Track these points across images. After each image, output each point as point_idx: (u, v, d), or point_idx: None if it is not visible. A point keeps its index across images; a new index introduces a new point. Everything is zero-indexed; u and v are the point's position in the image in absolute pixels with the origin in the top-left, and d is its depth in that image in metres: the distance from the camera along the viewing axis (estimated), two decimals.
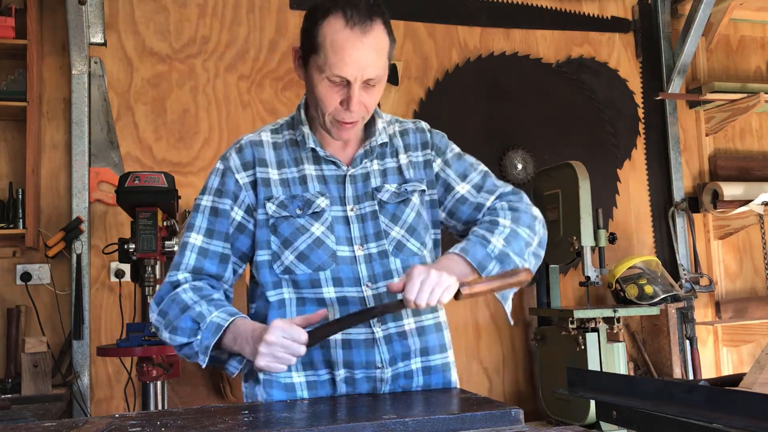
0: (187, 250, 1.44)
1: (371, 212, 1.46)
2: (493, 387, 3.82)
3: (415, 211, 1.49)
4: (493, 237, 1.43)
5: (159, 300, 1.43)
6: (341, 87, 1.37)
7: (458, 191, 1.53)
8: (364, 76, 1.35)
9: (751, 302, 4.23)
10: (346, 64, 1.33)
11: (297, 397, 1.41)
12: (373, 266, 1.43)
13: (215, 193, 1.46)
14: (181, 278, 1.43)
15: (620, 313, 3.38)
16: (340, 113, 1.39)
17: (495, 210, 1.51)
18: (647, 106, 4.28)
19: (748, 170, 4.38)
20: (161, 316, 1.41)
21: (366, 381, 1.41)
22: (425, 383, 1.47)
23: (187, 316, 1.36)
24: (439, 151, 1.55)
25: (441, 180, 1.54)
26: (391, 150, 1.53)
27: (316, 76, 1.38)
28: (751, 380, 1.34)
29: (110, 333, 3.25)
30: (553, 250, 3.55)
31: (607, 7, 4.27)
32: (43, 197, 3.25)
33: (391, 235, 1.46)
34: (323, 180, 1.46)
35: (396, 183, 1.49)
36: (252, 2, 3.65)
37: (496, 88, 3.98)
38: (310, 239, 1.41)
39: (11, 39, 3.05)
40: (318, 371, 1.41)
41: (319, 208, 1.43)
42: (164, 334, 1.41)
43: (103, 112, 3.36)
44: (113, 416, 1.21)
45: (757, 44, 4.59)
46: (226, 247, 1.45)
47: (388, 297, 1.41)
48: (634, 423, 1.18)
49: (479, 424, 1.12)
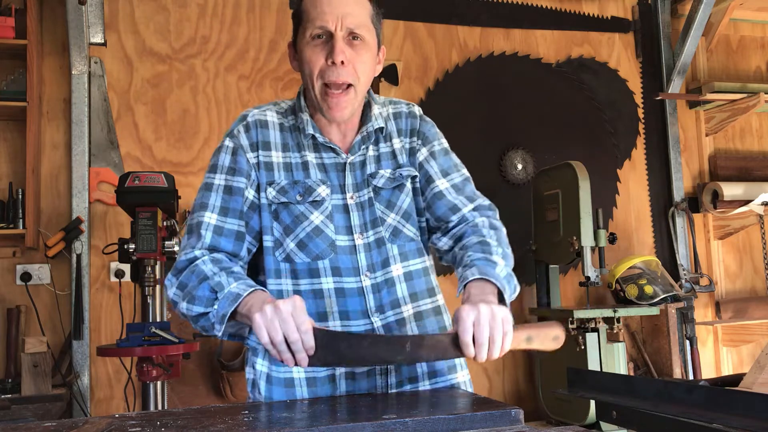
0: (203, 229, 1.40)
1: (368, 199, 1.45)
2: (493, 387, 3.82)
3: (410, 197, 1.49)
4: (494, 257, 1.40)
5: (177, 273, 1.38)
6: (325, 43, 1.37)
7: (437, 185, 1.51)
8: (344, 24, 1.36)
9: (751, 302, 4.23)
10: (325, 12, 1.36)
11: (296, 393, 1.40)
12: (371, 255, 1.43)
13: (227, 171, 1.44)
14: (198, 254, 1.38)
15: (620, 313, 3.38)
16: (327, 72, 1.37)
17: (477, 227, 1.48)
18: (647, 106, 4.28)
19: (748, 170, 4.38)
20: (180, 288, 1.36)
21: (366, 375, 1.40)
22: (429, 369, 1.45)
23: (206, 285, 1.32)
24: (426, 141, 1.54)
25: (423, 170, 1.52)
26: (385, 134, 1.52)
27: (302, 42, 1.40)
28: (751, 380, 1.34)
29: (110, 333, 3.26)
30: (553, 250, 3.56)
31: (607, 7, 4.27)
32: (43, 197, 3.25)
33: (387, 222, 1.45)
34: (323, 168, 1.45)
35: (390, 168, 1.49)
36: (252, 2, 3.65)
37: (496, 88, 3.98)
38: (309, 227, 1.40)
39: (11, 39, 3.05)
40: (318, 367, 1.40)
41: (320, 197, 1.42)
42: (182, 305, 1.35)
43: (103, 112, 3.36)
44: (113, 416, 1.21)
45: (757, 44, 4.60)
46: (241, 225, 1.42)
47: (387, 287, 1.41)
48: (634, 423, 1.17)
49: (479, 424, 1.11)
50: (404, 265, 1.46)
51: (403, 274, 1.45)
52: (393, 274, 1.44)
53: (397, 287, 1.44)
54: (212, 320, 1.30)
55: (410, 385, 1.43)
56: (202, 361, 3.31)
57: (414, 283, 1.47)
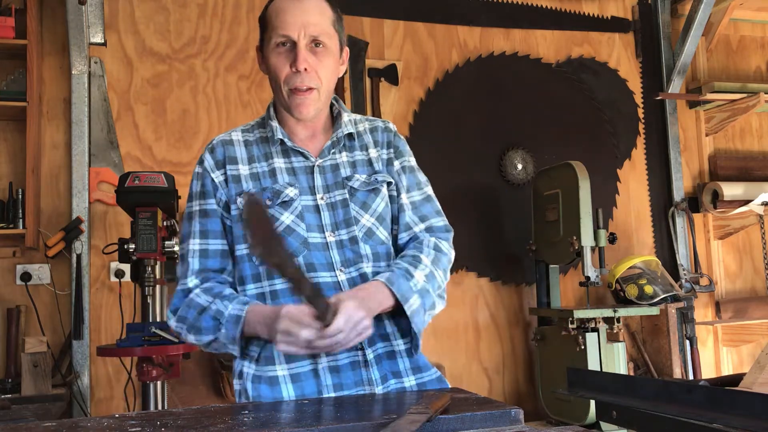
0: (190, 257, 1.50)
1: (341, 200, 1.50)
2: (493, 387, 3.82)
3: (385, 202, 1.54)
4: (416, 272, 1.46)
5: (175, 309, 1.49)
6: (289, 51, 1.46)
7: (402, 199, 1.58)
8: (307, 33, 1.44)
9: (751, 302, 4.23)
10: (288, 23, 1.44)
11: (282, 390, 1.43)
12: (344, 252, 1.47)
13: (199, 196, 1.53)
14: (191, 285, 1.49)
15: (620, 313, 3.38)
16: (292, 79, 1.46)
17: (421, 244, 1.53)
18: (647, 106, 4.28)
19: (748, 170, 4.38)
20: (181, 321, 1.48)
21: (351, 367, 1.43)
22: (413, 365, 1.49)
23: (207, 316, 1.43)
24: (399, 155, 1.61)
25: (394, 182, 1.59)
26: (360, 144, 1.58)
27: (268, 50, 1.48)
28: (751, 380, 1.34)
29: (110, 333, 3.26)
30: (553, 250, 3.56)
31: (607, 7, 4.27)
32: (43, 197, 3.25)
33: (362, 222, 1.50)
34: (293, 172, 1.51)
35: (366, 174, 1.55)
36: (252, 2, 3.65)
37: (496, 88, 3.98)
38: (280, 227, 1.46)
39: (11, 39, 3.05)
40: (300, 362, 1.43)
41: (288, 198, 1.47)
42: (190, 338, 1.48)
43: (103, 112, 3.36)
44: (113, 416, 1.21)
45: (757, 44, 4.60)
46: (224, 243, 1.51)
47: (361, 282, 1.45)
48: (634, 423, 1.17)
49: (479, 424, 1.11)
50: (374, 266, 1.50)
51: (371, 273, 1.49)
52: (365, 270, 1.48)
53: None
54: (223, 341, 1.42)
55: (395, 379, 1.47)
56: (202, 361, 3.31)
57: None
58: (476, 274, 3.82)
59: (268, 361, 1.45)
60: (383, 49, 3.80)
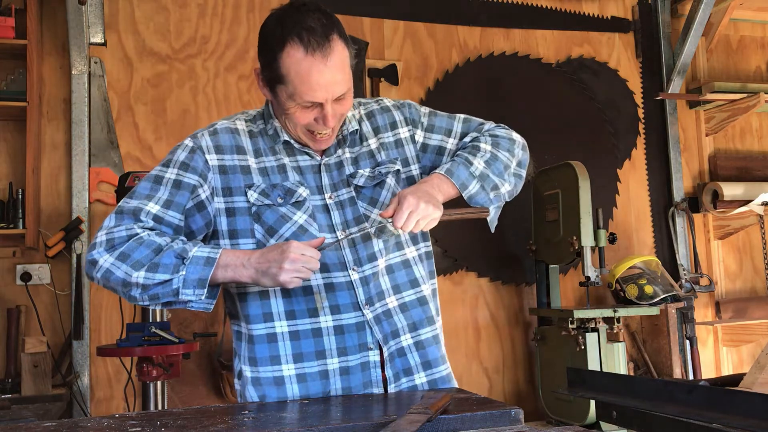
0: (142, 215, 1.39)
1: (349, 198, 1.49)
2: (493, 387, 3.82)
3: (392, 192, 1.52)
4: (475, 159, 1.53)
5: (111, 246, 1.35)
6: (314, 108, 1.40)
7: (450, 149, 1.61)
8: (334, 95, 1.38)
9: (751, 302, 4.23)
10: (315, 90, 1.36)
11: (287, 390, 1.42)
12: (357, 250, 1.46)
13: (180, 166, 1.45)
14: (139, 230, 1.37)
15: (620, 313, 3.38)
16: (314, 126, 1.42)
17: (478, 138, 1.60)
18: (647, 106, 4.28)
19: (748, 170, 4.38)
20: (121, 259, 1.33)
21: (361, 369, 1.42)
22: (422, 360, 1.49)
23: (169, 253, 1.33)
24: (416, 123, 1.60)
25: (430, 148, 1.60)
26: (359, 136, 1.56)
27: (287, 102, 1.40)
28: (751, 380, 1.34)
29: (110, 333, 3.25)
30: (553, 250, 3.56)
31: (607, 7, 4.27)
32: (43, 197, 3.25)
33: (372, 218, 1.49)
34: (299, 170, 1.49)
35: (369, 167, 1.53)
36: (252, 2, 3.65)
37: (496, 88, 3.98)
38: (294, 227, 1.43)
39: (11, 39, 3.04)
40: (309, 363, 1.42)
41: (301, 198, 1.45)
42: (133, 275, 1.32)
43: (103, 112, 3.36)
44: (113, 416, 1.21)
45: (757, 44, 4.60)
46: (181, 220, 1.42)
47: (374, 280, 1.46)
48: (634, 423, 1.17)
49: (479, 424, 1.12)
50: (386, 259, 1.50)
51: (385, 267, 1.49)
52: (380, 268, 1.48)
53: (380, 280, 1.48)
54: (174, 286, 1.31)
55: (406, 377, 1.47)
56: (202, 361, 3.31)
57: (395, 276, 1.51)
58: (476, 274, 3.82)
59: (274, 361, 1.43)
60: (383, 49, 3.80)
